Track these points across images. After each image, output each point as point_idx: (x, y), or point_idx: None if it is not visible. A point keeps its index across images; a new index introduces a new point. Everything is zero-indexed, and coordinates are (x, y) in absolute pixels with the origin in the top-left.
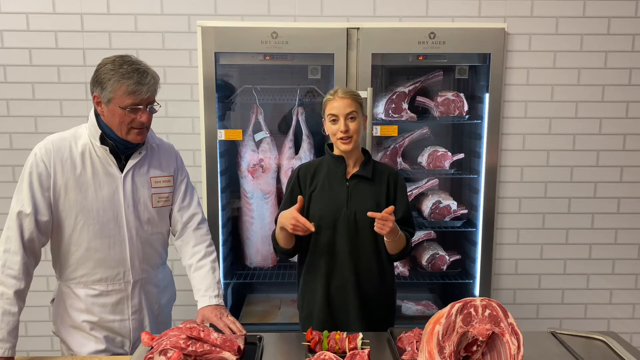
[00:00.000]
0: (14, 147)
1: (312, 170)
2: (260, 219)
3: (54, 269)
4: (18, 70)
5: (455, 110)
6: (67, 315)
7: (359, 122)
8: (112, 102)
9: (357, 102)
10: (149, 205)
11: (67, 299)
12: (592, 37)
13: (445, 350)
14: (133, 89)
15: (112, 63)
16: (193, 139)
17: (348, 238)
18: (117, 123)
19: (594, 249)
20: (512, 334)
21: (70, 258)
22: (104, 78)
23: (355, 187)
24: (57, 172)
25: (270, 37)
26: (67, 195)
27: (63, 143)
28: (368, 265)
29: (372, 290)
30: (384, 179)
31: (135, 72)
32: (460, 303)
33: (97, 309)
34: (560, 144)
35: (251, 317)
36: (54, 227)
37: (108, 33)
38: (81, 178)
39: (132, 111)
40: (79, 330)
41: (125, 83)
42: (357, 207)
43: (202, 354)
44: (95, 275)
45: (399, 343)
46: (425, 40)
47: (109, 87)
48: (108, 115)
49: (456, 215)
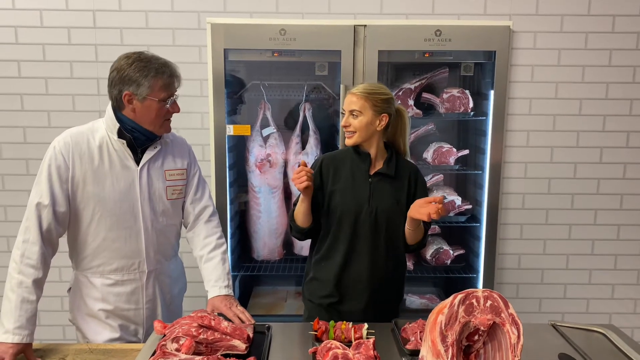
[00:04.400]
0: (27, 141)
1: (335, 163)
2: (267, 213)
3: (70, 259)
4: (32, 66)
5: (460, 106)
6: (83, 304)
7: (364, 120)
8: (149, 98)
9: (369, 101)
10: (163, 198)
11: (84, 288)
12: (596, 35)
13: (448, 339)
14: (168, 82)
15: (139, 61)
16: (202, 134)
17: (368, 234)
18: (153, 117)
19: (597, 245)
20: (513, 324)
21: (87, 248)
22: (137, 76)
23: (377, 184)
24: (75, 164)
25: (279, 33)
26: (85, 187)
27: (81, 137)
28: (384, 260)
29: (383, 285)
30: (405, 175)
31: (165, 66)
32: (462, 294)
33: (113, 298)
34: (564, 140)
35: (258, 309)
36: (71, 219)
37: (120, 29)
38: (99, 171)
39: (165, 103)
40: (95, 318)
41: (161, 78)
42: (379, 204)
43: (213, 342)
44: (111, 265)
45: (403, 333)
46: (432, 37)
47: (145, 84)
48: (142, 111)
49: (460, 210)
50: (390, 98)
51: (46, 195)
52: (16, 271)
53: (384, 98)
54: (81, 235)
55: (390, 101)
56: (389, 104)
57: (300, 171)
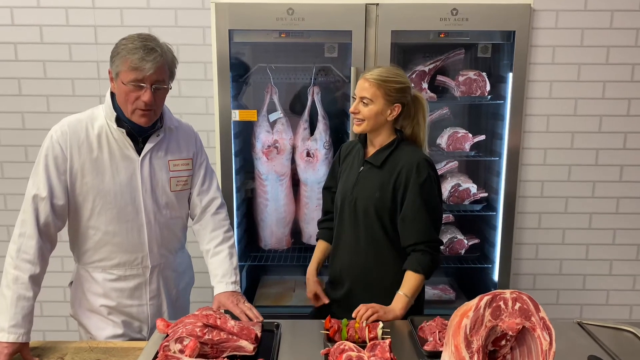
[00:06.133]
0: (26, 127)
1: (348, 150)
2: (274, 201)
3: (72, 252)
4: (29, 48)
5: (477, 90)
6: (84, 299)
7: (374, 109)
8: (119, 78)
9: (382, 89)
10: (167, 189)
11: (85, 283)
12: (622, 14)
13: (473, 345)
14: (136, 65)
15: (128, 38)
16: (207, 120)
17: (351, 223)
18: (123, 101)
19: (618, 234)
20: (544, 328)
21: (88, 242)
22: (114, 52)
23: (364, 174)
24: (73, 155)
25: (286, 13)
26: (84, 178)
27: (79, 125)
28: (364, 253)
29: (364, 281)
30: (395, 168)
31: (143, 48)
32: (489, 296)
33: (115, 294)
34: (586, 125)
35: (266, 299)
36: (70, 211)
37: (120, 10)
38: (98, 161)
39: (135, 88)
40: (97, 314)
41: (130, 58)
42: (359, 193)
43: (218, 342)
44: (113, 260)
45: (420, 332)
46: (447, 16)
47: (117, 62)
48: (117, 92)
49: (476, 198)
50: (406, 87)
51: (43, 187)
52: (12, 266)
53: (399, 87)
54: (82, 228)
55: (405, 90)
56: (404, 93)
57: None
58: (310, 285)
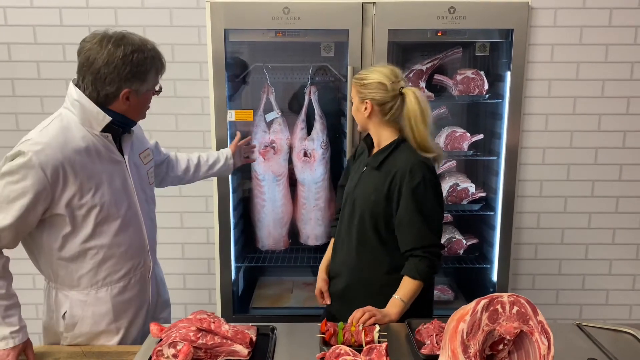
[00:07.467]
0: (20, 128)
1: (361, 150)
2: (272, 202)
3: (53, 282)
4: (22, 49)
5: (475, 89)
6: (86, 325)
7: (354, 107)
8: (149, 90)
9: (354, 87)
10: (148, 183)
11: (87, 308)
12: (621, 11)
13: (470, 349)
14: (162, 71)
15: (138, 52)
16: (203, 120)
17: (347, 222)
18: (143, 108)
19: (618, 234)
20: (542, 332)
21: (85, 265)
22: (140, 70)
23: (365, 175)
24: (68, 179)
25: (282, 12)
26: (82, 200)
27: (66, 145)
28: (355, 254)
29: (355, 283)
30: (391, 172)
31: (154, 51)
32: (486, 299)
33: (121, 307)
34: (585, 124)
35: (263, 300)
36: (58, 244)
37: (114, 9)
38: (93, 175)
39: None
40: (102, 333)
41: (164, 67)
42: (358, 195)
43: (212, 347)
44: (119, 272)
45: (418, 335)
46: (445, 15)
47: (151, 80)
48: (138, 104)
49: (474, 198)
50: (372, 82)
51: (11, 222)
52: None
53: (365, 83)
54: (77, 254)
55: (371, 86)
56: (372, 89)
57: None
58: (319, 282)
